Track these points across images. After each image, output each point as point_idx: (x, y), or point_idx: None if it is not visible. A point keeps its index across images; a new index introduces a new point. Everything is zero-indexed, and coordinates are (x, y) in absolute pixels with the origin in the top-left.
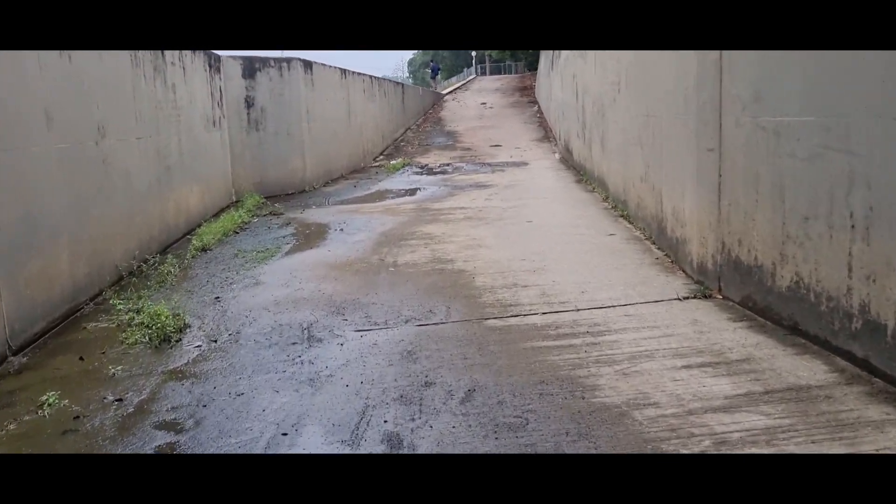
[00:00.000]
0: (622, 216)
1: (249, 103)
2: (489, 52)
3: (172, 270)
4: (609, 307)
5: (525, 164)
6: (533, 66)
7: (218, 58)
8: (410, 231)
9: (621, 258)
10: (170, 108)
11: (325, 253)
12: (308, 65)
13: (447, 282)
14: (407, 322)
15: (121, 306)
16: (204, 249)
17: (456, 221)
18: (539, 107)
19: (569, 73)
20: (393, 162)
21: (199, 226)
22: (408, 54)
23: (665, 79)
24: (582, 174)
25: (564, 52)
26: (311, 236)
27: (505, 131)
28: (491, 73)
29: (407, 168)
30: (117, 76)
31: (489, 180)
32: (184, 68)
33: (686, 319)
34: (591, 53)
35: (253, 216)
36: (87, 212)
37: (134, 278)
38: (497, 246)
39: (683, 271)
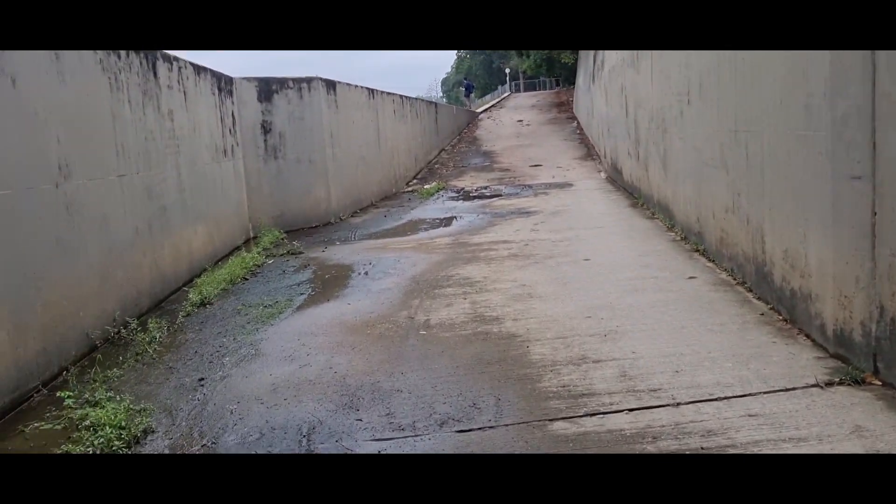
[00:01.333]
0: (697, 251)
1: (266, 129)
2: (523, 68)
3: (158, 336)
4: (721, 399)
5: (569, 185)
6: (569, 81)
7: (230, 79)
8: (446, 274)
9: (715, 314)
10: (166, 139)
11: (343, 308)
12: (331, 84)
13: (494, 353)
14: (442, 425)
15: (70, 400)
16: (203, 304)
17: (499, 260)
18: (578, 123)
19: (616, 86)
20: (427, 186)
21: (205, 271)
22: (441, 74)
23: (767, 84)
24: (636, 197)
25: (608, 64)
26: (331, 283)
27: (544, 150)
28: (525, 90)
29: (442, 193)
30: (88, 103)
31: (532, 205)
32: (184, 92)
33: (843, 425)
34: (645, 62)
35: (268, 257)
36: (41, 274)
37: (111, 346)
38: (552, 295)
39: (808, 336)
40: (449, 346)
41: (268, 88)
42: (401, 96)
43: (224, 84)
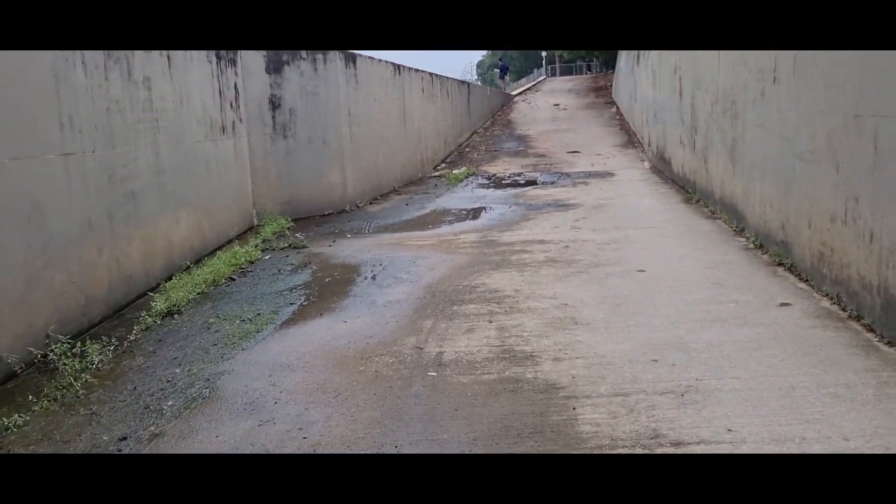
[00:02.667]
0: (782, 266)
1: (275, 104)
2: (559, 52)
3: (97, 360)
4: None
5: (611, 174)
6: (608, 66)
7: None
8: (469, 284)
9: (833, 366)
10: (139, 112)
11: (337, 328)
12: (350, 58)
13: (528, 419)
14: None
15: None
16: (170, 313)
17: (534, 267)
18: (618, 108)
19: (667, 67)
20: (456, 171)
21: (188, 268)
22: (476, 56)
23: None
24: (689, 191)
25: None
26: (329, 289)
27: (582, 135)
28: (561, 74)
29: (471, 179)
30: (13, 61)
31: (571, 197)
32: (168, 57)
33: None
34: None
35: (266, 251)
36: None
37: (36, 374)
38: (603, 323)
39: None
40: (466, 400)
41: (277, 59)
42: (430, 74)
43: (225, 51)
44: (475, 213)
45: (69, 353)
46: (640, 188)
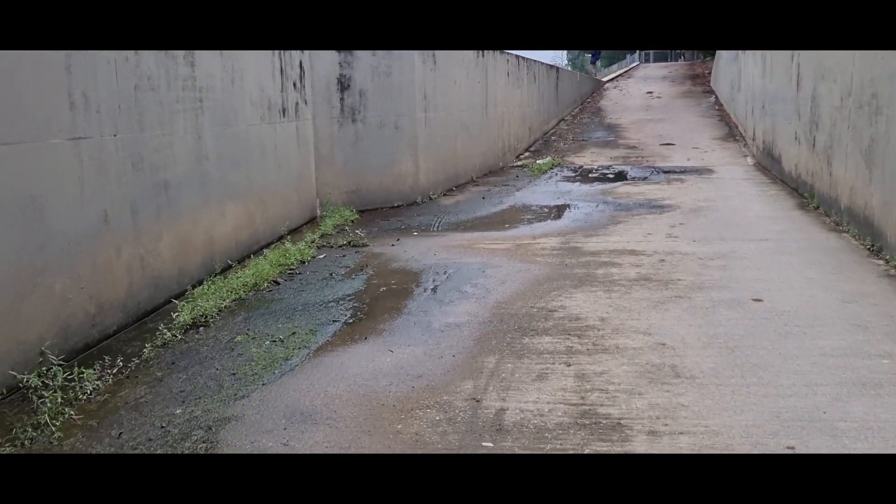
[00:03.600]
0: None
1: (344, 85)
2: None
3: (91, 389)
4: None
5: (709, 171)
6: (706, 52)
7: None
8: (545, 306)
9: None
10: (178, 90)
11: (379, 360)
12: None
13: None
14: None
15: None
16: (194, 325)
17: (624, 287)
18: (717, 97)
19: (782, 52)
20: (539, 161)
21: (227, 268)
22: None
23: None
24: (804, 195)
25: None
26: (381, 303)
27: (678, 126)
28: (655, 60)
29: (556, 171)
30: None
31: (666, 196)
32: None
33: None
34: None
35: (321, 248)
36: None
37: (22, 402)
38: (713, 378)
39: None
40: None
41: None
42: (517, 57)
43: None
44: (558, 212)
45: (57, 379)
46: (744, 188)
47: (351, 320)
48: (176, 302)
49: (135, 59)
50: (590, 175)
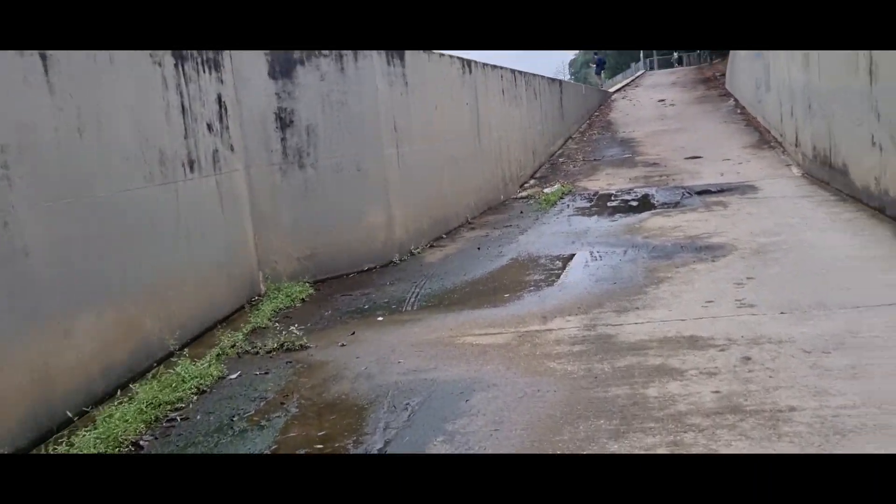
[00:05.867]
0: None
1: (285, 120)
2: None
3: None
4: None
5: (752, 188)
6: (715, 54)
7: None
8: None
9: None
10: None
11: None
12: (395, 52)
13: None
14: None
15: None
16: None
17: (699, 431)
18: (736, 101)
19: None
20: (547, 190)
21: (84, 414)
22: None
23: None
24: None
25: None
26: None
27: (700, 135)
28: (660, 67)
29: (567, 200)
30: None
31: (711, 230)
32: (43, 58)
33: None
34: None
35: (242, 356)
36: None
37: None
38: None
39: None
40: None
41: (287, 58)
42: (512, 71)
43: (196, 50)
44: (574, 267)
45: None
46: (808, 212)
47: None
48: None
49: None
50: (608, 204)
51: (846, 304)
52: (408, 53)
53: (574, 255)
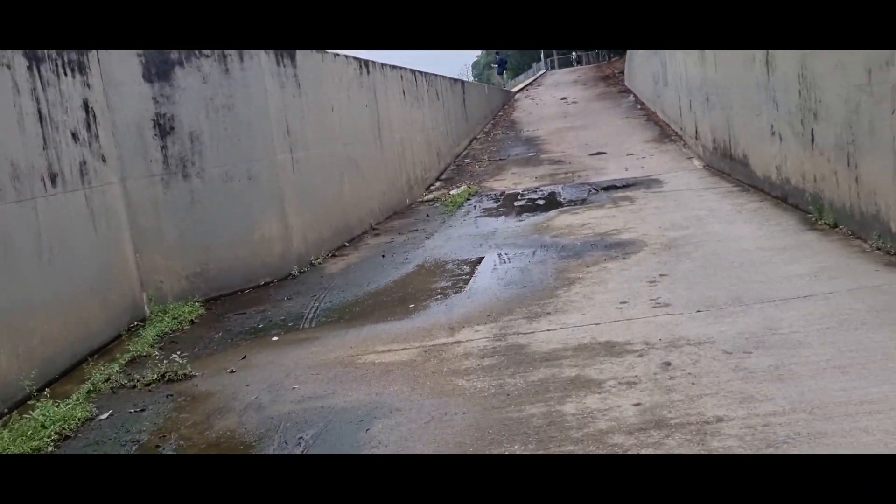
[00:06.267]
0: None
1: (164, 127)
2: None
3: None
4: None
5: (657, 182)
6: (613, 53)
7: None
8: None
9: None
10: None
11: None
12: (285, 52)
13: None
14: None
15: None
16: None
17: (615, 444)
18: (636, 97)
19: None
20: (454, 191)
21: None
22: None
23: None
24: (809, 209)
25: None
26: None
27: (603, 131)
28: (560, 67)
29: (474, 202)
30: None
31: (620, 226)
32: None
33: None
34: None
35: (117, 391)
36: None
37: None
38: None
39: None
40: None
41: (164, 59)
42: (412, 72)
43: (54, 51)
44: (482, 271)
45: None
46: (713, 203)
47: None
48: None
49: None
50: (515, 203)
51: (761, 299)
52: (299, 53)
53: (482, 258)
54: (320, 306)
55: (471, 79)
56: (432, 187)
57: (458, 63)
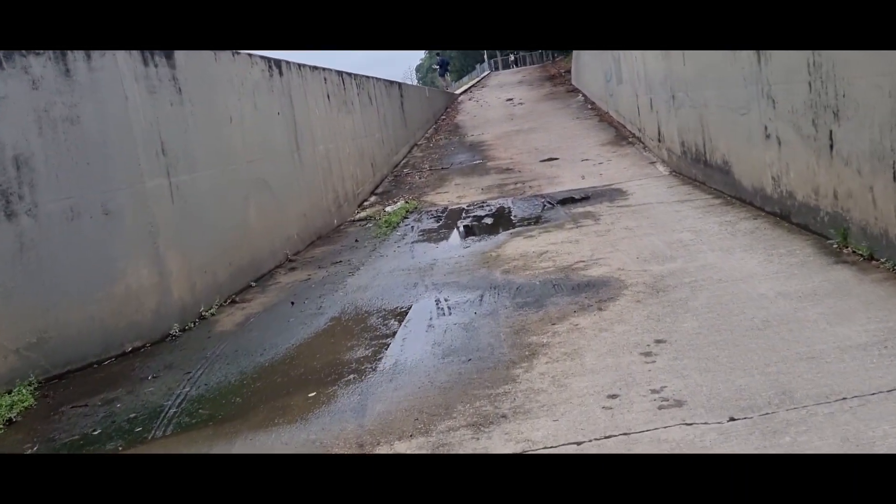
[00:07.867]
0: None
1: None
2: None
3: None
4: None
5: (621, 193)
6: (557, 53)
7: None
8: None
9: None
10: None
11: None
12: (157, 52)
13: None
14: None
15: None
16: None
17: None
18: (585, 96)
19: None
20: (389, 209)
21: None
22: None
23: None
24: (830, 233)
25: None
26: None
27: (553, 135)
28: (503, 68)
29: (412, 221)
30: None
31: (588, 257)
32: None
33: None
34: None
35: None
36: None
37: None
38: None
39: None
40: None
41: None
42: (339, 73)
43: None
44: (413, 332)
45: None
46: (695, 221)
47: None
48: None
49: None
50: (459, 223)
51: (824, 394)
52: (178, 55)
53: (414, 307)
54: (190, 393)
55: (415, 82)
56: (366, 203)
57: (402, 66)
